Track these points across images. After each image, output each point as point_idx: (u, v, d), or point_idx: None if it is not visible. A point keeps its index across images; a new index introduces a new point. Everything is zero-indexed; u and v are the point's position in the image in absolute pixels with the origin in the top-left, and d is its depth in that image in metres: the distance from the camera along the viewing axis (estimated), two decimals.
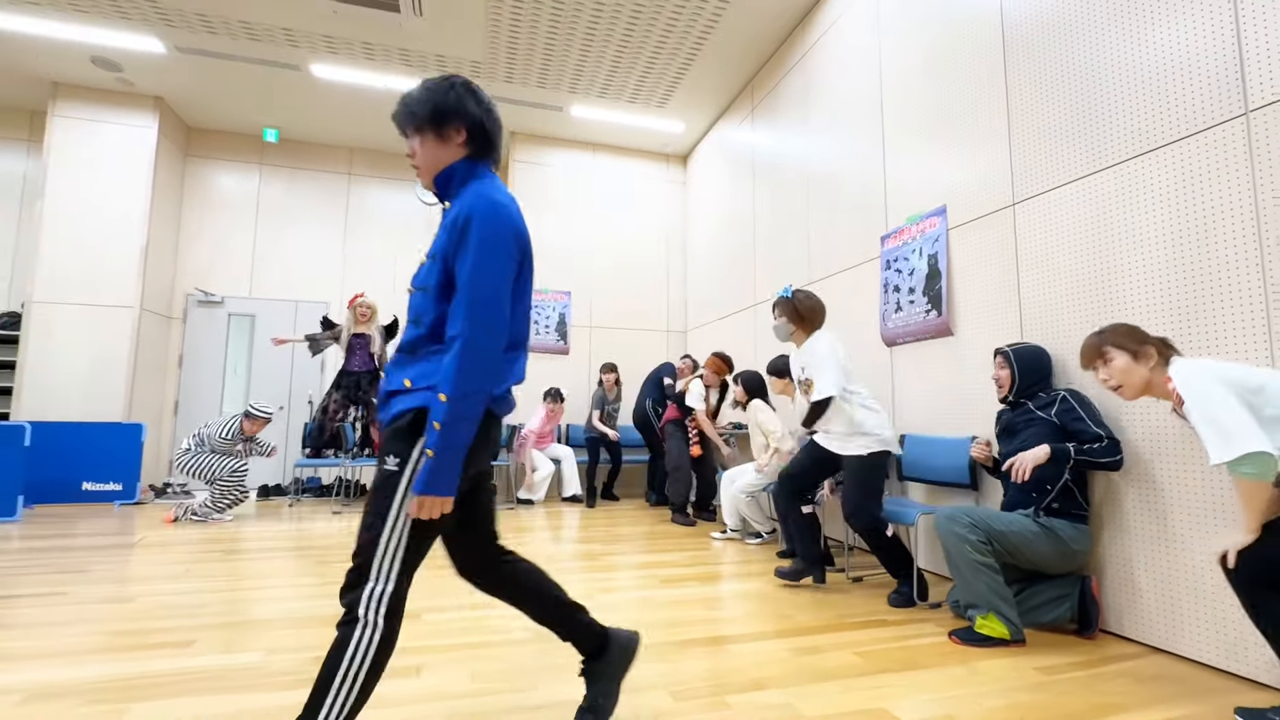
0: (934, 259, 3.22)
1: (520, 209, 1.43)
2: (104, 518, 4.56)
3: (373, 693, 1.26)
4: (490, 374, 1.26)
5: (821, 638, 2.20)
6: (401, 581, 1.24)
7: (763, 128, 5.24)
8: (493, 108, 1.44)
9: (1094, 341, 1.87)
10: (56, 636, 2.14)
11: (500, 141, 1.46)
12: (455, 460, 1.22)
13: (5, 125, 6.08)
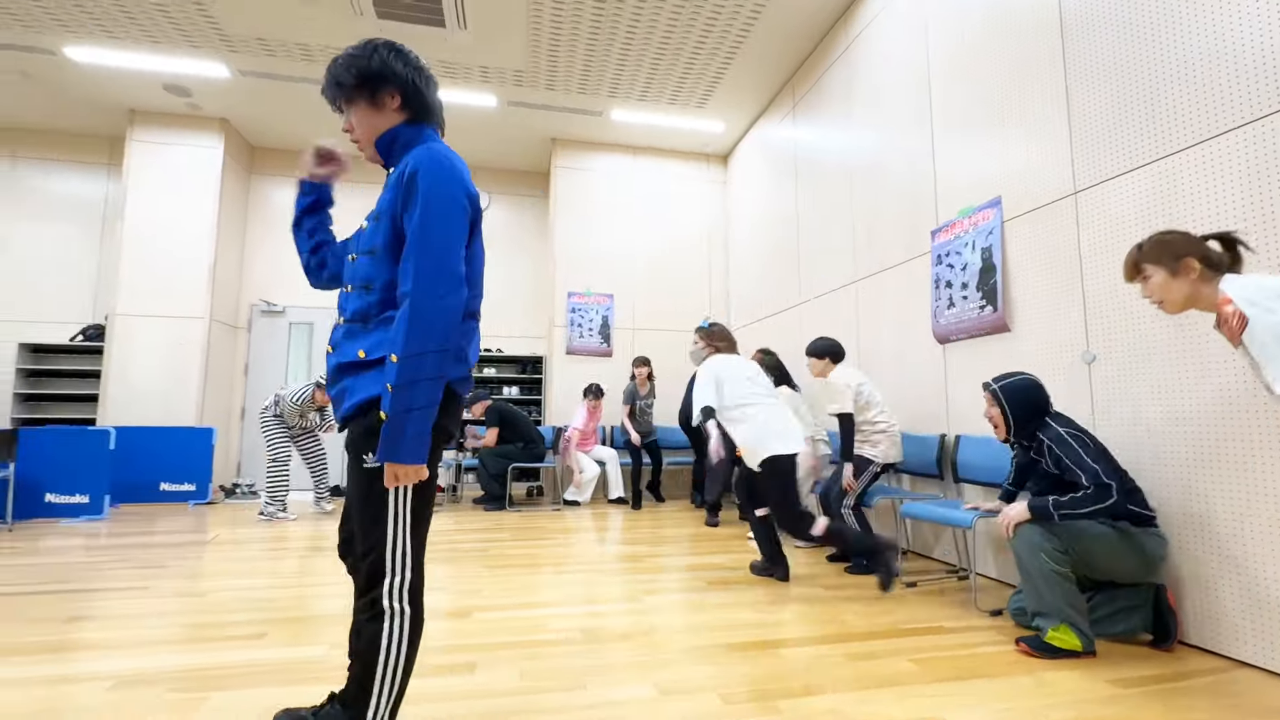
0: (988, 253, 3.10)
1: (468, 169, 1.35)
2: (180, 516, 4.85)
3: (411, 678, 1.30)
4: (447, 331, 1.19)
5: (876, 643, 2.15)
6: (416, 568, 1.28)
7: (805, 124, 5.16)
8: (423, 67, 1.38)
9: (1132, 257, 1.76)
10: (140, 627, 2.29)
11: (437, 101, 1.41)
12: (418, 423, 1.16)
13: (88, 151, 6.55)
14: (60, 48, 5.00)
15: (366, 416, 1.25)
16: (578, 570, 3.20)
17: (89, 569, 3.18)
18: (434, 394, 1.19)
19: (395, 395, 1.16)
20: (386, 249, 1.27)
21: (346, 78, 1.32)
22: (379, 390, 1.23)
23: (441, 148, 1.30)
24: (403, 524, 1.26)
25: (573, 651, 2.06)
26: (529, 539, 4.03)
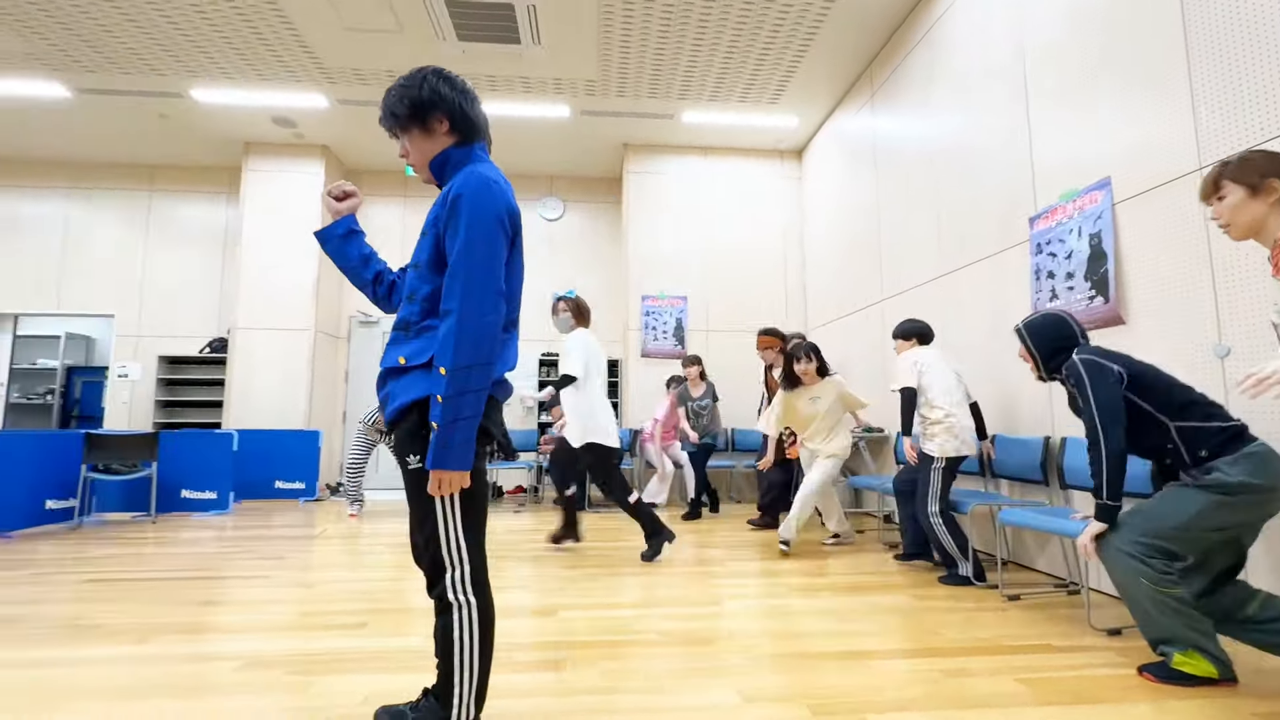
0: (1097, 239, 2.85)
1: (511, 187, 1.42)
2: (292, 512, 5.29)
3: (491, 661, 1.36)
4: (489, 346, 1.26)
5: (974, 660, 2.02)
6: (474, 558, 1.34)
7: (884, 113, 4.95)
8: (468, 89, 1.45)
9: (1214, 171, 1.59)
10: (261, 613, 2.51)
11: (482, 118, 1.47)
12: (464, 432, 1.24)
13: (210, 182, 7.29)
14: (188, 90, 5.59)
15: (407, 420, 1.33)
16: (656, 573, 3.21)
17: (219, 558, 3.52)
18: (479, 405, 1.26)
19: (444, 406, 1.23)
20: (429, 263, 1.35)
21: (400, 108, 1.40)
22: (418, 394, 1.30)
23: (486, 169, 1.37)
24: (452, 518, 1.32)
25: (654, 654, 2.07)
26: (607, 540, 4.09)
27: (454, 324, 1.25)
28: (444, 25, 4.65)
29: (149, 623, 2.39)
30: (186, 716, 1.63)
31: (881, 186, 4.97)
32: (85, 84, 5.48)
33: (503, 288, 1.31)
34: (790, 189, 6.84)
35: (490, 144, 1.53)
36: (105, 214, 7.14)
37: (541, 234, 7.49)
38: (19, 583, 2.99)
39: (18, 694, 1.76)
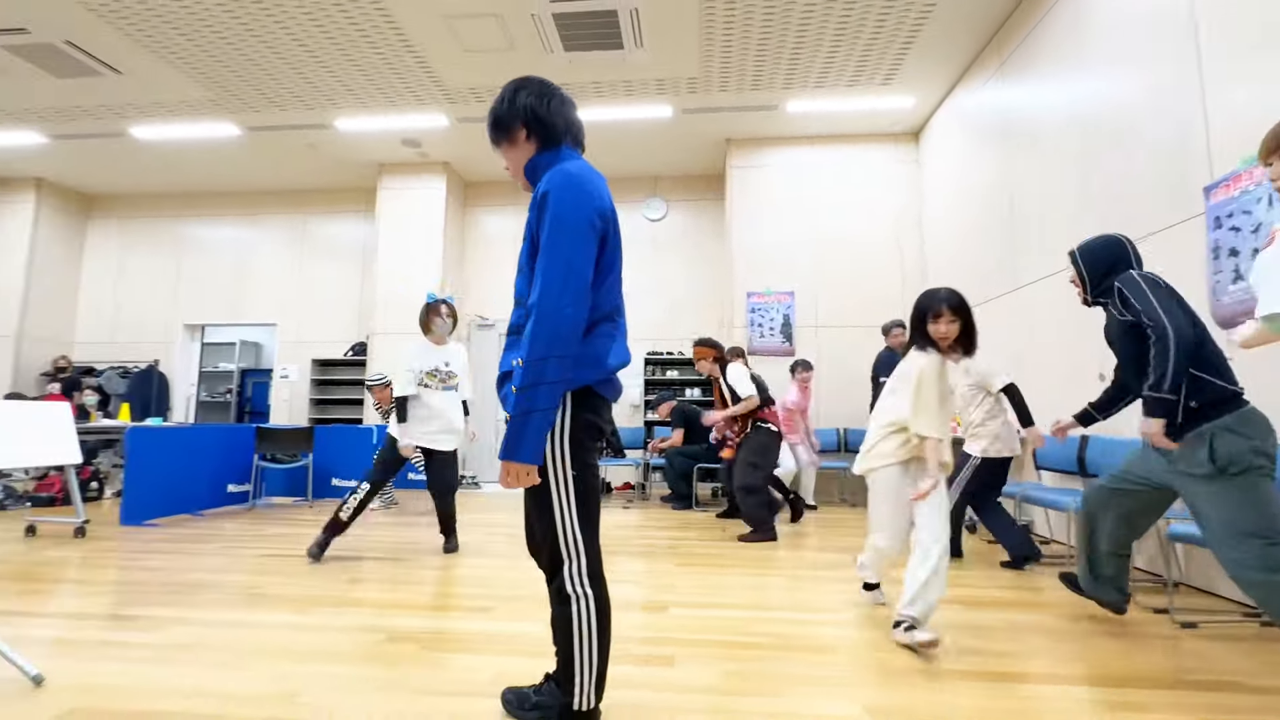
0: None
1: (603, 181, 1.41)
2: (421, 501, 5.74)
3: (609, 651, 1.39)
4: (566, 340, 1.24)
5: (1145, 693, 1.78)
6: (590, 551, 1.37)
7: (1016, 83, 4.50)
8: (549, 92, 1.45)
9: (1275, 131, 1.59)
10: (403, 592, 2.75)
11: (565, 118, 1.45)
12: (537, 425, 1.23)
13: (351, 203, 8.09)
14: (332, 121, 6.25)
15: None
16: (770, 574, 3.14)
17: (362, 541, 3.90)
18: (554, 398, 1.25)
19: (518, 398, 1.24)
20: (528, 267, 1.38)
21: (491, 130, 1.50)
22: None
23: (573, 166, 1.35)
24: (568, 512, 1.35)
25: (771, 657, 2.02)
26: (717, 539, 4.06)
27: (534, 316, 1.25)
28: (551, 38, 4.84)
29: (309, 595, 2.69)
30: (341, 680, 1.81)
31: (1014, 163, 4.53)
32: (251, 122, 6.28)
33: (587, 282, 1.29)
34: (905, 174, 6.42)
35: (581, 143, 1.53)
36: (268, 235, 8.16)
37: (645, 235, 7.59)
38: (210, 554, 3.49)
39: (215, 650, 2.05)
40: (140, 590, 2.75)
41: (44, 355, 7.83)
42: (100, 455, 6.49)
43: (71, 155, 7.10)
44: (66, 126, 6.40)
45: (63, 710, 1.62)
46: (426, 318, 3.70)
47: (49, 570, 3.09)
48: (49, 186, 7.91)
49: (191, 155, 7.08)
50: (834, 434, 6.10)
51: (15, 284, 7.64)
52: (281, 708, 1.64)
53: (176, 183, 7.95)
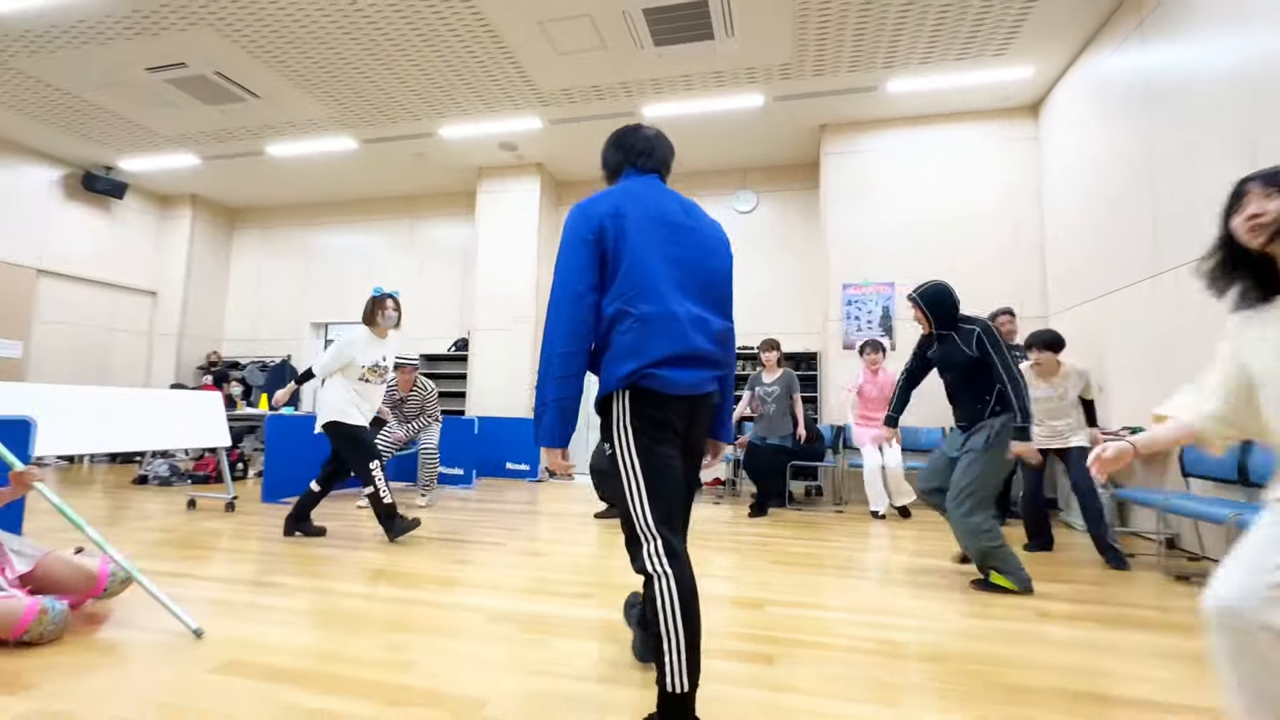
0: None
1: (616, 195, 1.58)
2: (519, 490, 6.00)
3: (699, 634, 1.39)
4: (559, 340, 1.48)
5: None
6: (663, 532, 1.43)
7: (1159, 43, 4.00)
8: (622, 130, 1.77)
9: None
10: (500, 575, 2.88)
11: (621, 155, 1.74)
12: (548, 415, 1.47)
13: (454, 206, 8.56)
14: (437, 130, 6.63)
15: (603, 414, 1.55)
16: (868, 577, 3.00)
17: (467, 525, 4.13)
18: (562, 390, 1.47)
19: (536, 391, 1.53)
20: None
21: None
22: (599, 393, 1.55)
23: (595, 195, 1.59)
24: (638, 497, 1.44)
25: (874, 663, 1.93)
26: (810, 538, 3.94)
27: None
28: (641, 33, 4.86)
29: (418, 573, 2.88)
30: (452, 654, 1.92)
31: (1157, 134, 4.03)
32: (367, 135, 6.80)
33: (576, 292, 1.49)
34: (1021, 152, 5.89)
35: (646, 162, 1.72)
36: (380, 240, 8.82)
37: (734, 227, 7.46)
38: (334, 531, 3.83)
39: (340, 617, 2.25)
40: (278, 560, 3.06)
41: (199, 351, 8.91)
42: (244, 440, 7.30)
43: (219, 173, 8.01)
44: (215, 148, 7.23)
45: (223, 661, 1.83)
46: (372, 310, 3.66)
47: (206, 539, 3.51)
48: (202, 202, 8.98)
49: (316, 168, 7.77)
50: (939, 434, 5.73)
51: (176, 290, 8.75)
52: (400, 674, 1.76)
53: (304, 194, 8.77)
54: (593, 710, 1.58)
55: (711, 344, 1.56)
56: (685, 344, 1.49)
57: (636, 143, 1.72)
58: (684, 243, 1.59)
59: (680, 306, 1.51)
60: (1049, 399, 3.71)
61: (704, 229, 1.67)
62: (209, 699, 1.60)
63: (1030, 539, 3.69)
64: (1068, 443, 3.65)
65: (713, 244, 1.67)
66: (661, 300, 1.49)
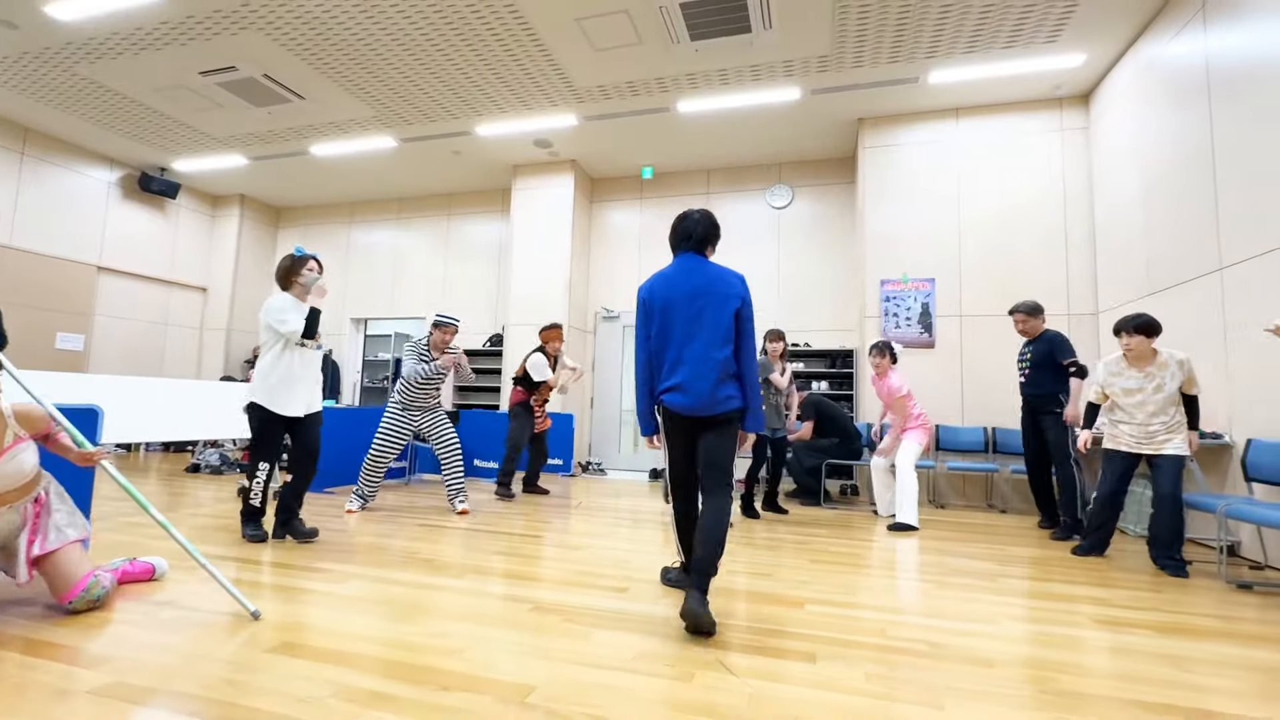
0: None
1: (666, 275, 2.42)
2: (553, 484, 6.06)
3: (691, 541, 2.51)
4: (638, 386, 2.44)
5: None
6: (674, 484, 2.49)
7: (1221, 27, 3.81)
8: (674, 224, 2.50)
9: None
10: (540, 567, 2.92)
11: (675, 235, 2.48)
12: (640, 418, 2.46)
13: (489, 203, 8.67)
14: (473, 128, 6.72)
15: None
16: (911, 579, 2.95)
17: (503, 517, 4.19)
18: (639, 405, 2.46)
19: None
20: None
21: None
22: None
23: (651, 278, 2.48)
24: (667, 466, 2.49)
25: (923, 665, 1.89)
26: (848, 538, 3.88)
27: None
28: (678, 28, 4.84)
29: (462, 562, 2.94)
30: (496, 642, 1.96)
31: (1220, 122, 3.84)
32: (406, 134, 6.93)
33: (638, 347, 2.44)
34: (1072, 143, 5.69)
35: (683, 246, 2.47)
36: (419, 237, 8.99)
37: (769, 223, 7.39)
38: (379, 521, 3.93)
39: (386, 604, 2.31)
40: (325, 548, 3.16)
41: (247, 345, 9.23)
42: None
43: (266, 173, 8.27)
44: (262, 149, 7.46)
45: (279, 642, 1.90)
46: (290, 271, 3.26)
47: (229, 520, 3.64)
48: (249, 201, 9.28)
49: (357, 167, 7.96)
50: (980, 433, 5.59)
51: (225, 285, 9.08)
52: (448, 660, 1.81)
53: (345, 192, 8.99)
54: (631, 701, 1.59)
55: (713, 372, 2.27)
56: (674, 379, 2.33)
57: (682, 229, 2.45)
58: (697, 305, 2.32)
59: (686, 352, 2.31)
60: (1140, 390, 3.28)
61: (716, 290, 2.33)
62: (268, 677, 1.66)
63: (1083, 539, 3.56)
64: (1160, 449, 3.23)
65: (721, 299, 2.32)
66: (670, 353, 2.35)
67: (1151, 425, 3.26)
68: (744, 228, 7.46)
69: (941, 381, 5.78)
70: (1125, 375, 3.32)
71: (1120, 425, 3.30)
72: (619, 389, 7.71)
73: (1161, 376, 3.23)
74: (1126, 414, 3.30)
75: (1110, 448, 3.33)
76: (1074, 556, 3.51)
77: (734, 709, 1.56)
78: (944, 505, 5.53)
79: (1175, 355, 3.23)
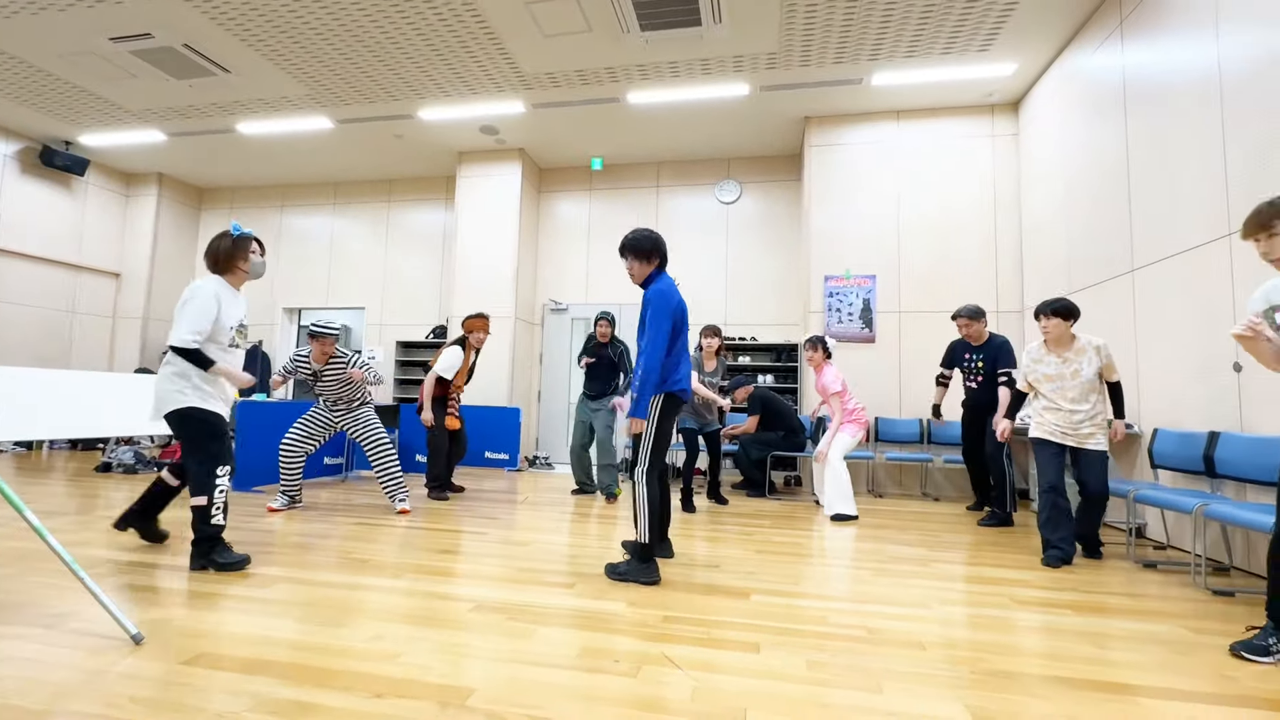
0: None
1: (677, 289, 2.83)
2: (499, 479, 5.94)
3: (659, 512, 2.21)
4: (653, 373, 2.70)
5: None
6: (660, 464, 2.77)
7: (1138, 44, 4.07)
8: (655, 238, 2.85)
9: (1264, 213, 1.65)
10: (483, 564, 2.84)
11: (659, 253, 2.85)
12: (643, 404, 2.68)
13: (432, 190, 8.39)
14: (416, 112, 6.47)
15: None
16: (850, 566, 3.03)
17: (445, 514, 4.07)
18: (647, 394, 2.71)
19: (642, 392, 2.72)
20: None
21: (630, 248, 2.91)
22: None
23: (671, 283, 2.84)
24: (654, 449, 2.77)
25: (861, 650, 1.94)
26: (792, 528, 3.96)
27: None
28: (628, 18, 4.78)
29: (400, 562, 2.83)
30: (437, 644, 1.88)
31: (1134, 135, 4.11)
32: (343, 115, 6.61)
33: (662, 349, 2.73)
34: (1003, 148, 5.97)
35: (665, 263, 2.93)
36: (357, 224, 8.61)
37: (718, 218, 7.45)
38: (311, 519, 3.74)
39: (320, 608, 2.19)
40: (253, 550, 2.98)
41: (166, 336, 8.62)
42: None
43: (187, 151, 7.72)
44: (183, 124, 6.95)
45: (195, 653, 1.77)
46: (234, 253, 2.77)
47: (174, 529, 3.39)
48: (168, 180, 8.65)
49: (289, 148, 7.54)
50: (916, 424, 5.82)
51: (142, 271, 8.44)
52: (385, 665, 1.72)
53: (276, 175, 8.50)
54: (576, 699, 1.56)
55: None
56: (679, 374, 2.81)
57: (664, 248, 2.87)
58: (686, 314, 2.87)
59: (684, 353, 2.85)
60: (1059, 376, 3.30)
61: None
62: (180, 692, 1.54)
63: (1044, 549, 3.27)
64: (1084, 443, 3.25)
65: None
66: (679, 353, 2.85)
67: (1076, 414, 3.26)
68: (693, 222, 7.50)
69: (881, 375, 5.98)
70: (1045, 361, 3.38)
71: (1045, 413, 3.42)
72: (567, 383, 7.63)
73: (1079, 362, 3.29)
74: (1050, 401, 3.39)
75: (1038, 436, 3.44)
76: (1001, 541, 3.70)
77: (679, 703, 1.55)
78: (882, 495, 5.74)
79: (1093, 341, 3.29)
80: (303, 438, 3.98)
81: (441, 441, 4.76)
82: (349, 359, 3.93)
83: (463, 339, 4.91)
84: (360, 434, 4.01)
